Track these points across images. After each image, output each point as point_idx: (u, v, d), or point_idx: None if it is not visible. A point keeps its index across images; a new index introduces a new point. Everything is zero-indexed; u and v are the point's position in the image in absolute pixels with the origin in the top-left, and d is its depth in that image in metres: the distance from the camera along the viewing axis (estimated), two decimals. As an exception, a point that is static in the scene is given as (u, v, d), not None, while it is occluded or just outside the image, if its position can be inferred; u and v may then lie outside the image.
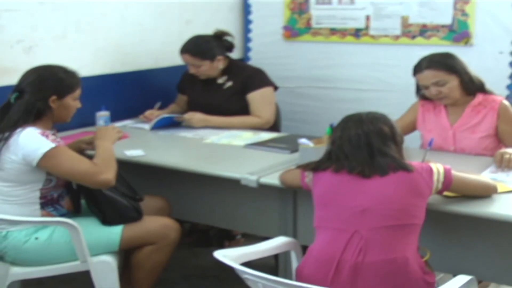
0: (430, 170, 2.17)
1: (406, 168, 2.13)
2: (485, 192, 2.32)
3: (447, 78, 2.91)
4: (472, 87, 2.97)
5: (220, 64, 3.66)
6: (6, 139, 2.46)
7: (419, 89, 3.07)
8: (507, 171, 2.62)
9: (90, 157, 2.59)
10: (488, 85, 3.02)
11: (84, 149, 2.77)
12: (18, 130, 2.46)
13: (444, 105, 3.04)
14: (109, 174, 2.49)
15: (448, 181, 2.20)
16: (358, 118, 2.24)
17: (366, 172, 2.14)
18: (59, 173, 2.51)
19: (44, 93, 2.53)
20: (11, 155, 2.46)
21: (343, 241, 2.10)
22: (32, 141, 2.44)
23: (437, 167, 2.20)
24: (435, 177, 2.17)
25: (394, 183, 2.12)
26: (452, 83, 2.92)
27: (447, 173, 2.20)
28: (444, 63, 2.92)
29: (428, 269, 2.16)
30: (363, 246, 2.08)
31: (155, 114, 3.70)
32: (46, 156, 2.43)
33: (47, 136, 2.47)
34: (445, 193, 2.26)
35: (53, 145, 2.45)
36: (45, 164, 2.46)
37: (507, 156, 2.65)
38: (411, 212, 2.12)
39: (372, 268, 2.07)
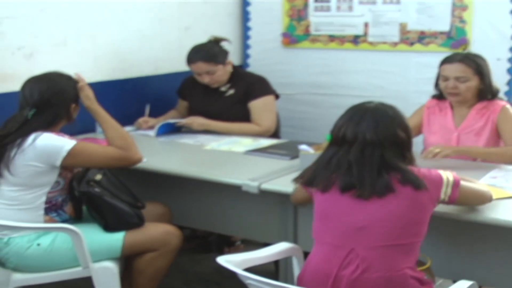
0: (439, 182, 2.08)
1: (415, 185, 2.02)
2: (481, 203, 2.26)
3: (471, 76, 2.96)
4: (487, 93, 3.01)
5: (229, 67, 3.67)
6: (19, 145, 2.48)
7: (437, 84, 3.11)
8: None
9: None
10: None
11: None
12: (32, 136, 2.48)
13: (450, 107, 3.07)
14: (137, 152, 2.67)
15: (454, 197, 2.11)
16: (373, 118, 2.08)
17: (365, 195, 2.02)
18: (91, 165, 2.60)
19: (66, 104, 2.61)
20: (28, 160, 2.47)
21: (340, 258, 2.05)
22: (52, 142, 2.49)
23: (447, 178, 2.10)
24: (443, 189, 2.08)
25: (396, 200, 2.02)
26: (472, 83, 2.97)
27: (455, 187, 2.10)
28: (476, 62, 2.98)
29: (427, 278, 2.12)
30: (359, 264, 2.02)
31: (151, 122, 3.70)
32: (70, 153, 2.48)
33: (63, 136, 2.53)
34: None
35: (74, 142, 2.51)
36: (69, 161, 2.51)
37: (432, 148, 2.77)
38: (411, 230, 2.04)
39: (369, 284, 2.01)
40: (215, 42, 3.72)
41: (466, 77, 2.96)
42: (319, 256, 2.11)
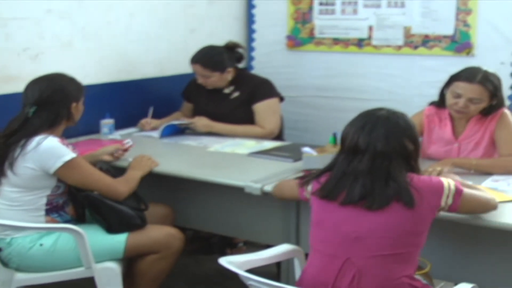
0: (440, 190, 2.05)
1: (405, 203, 1.98)
2: (485, 211, 2.21)
3: (485, 99, 2.84)
4: (490, 110, 2.91)
5: (229, 76, 3.67)
6: (23, 146, 2.49)
7: (442, 93, 2.98)
8: None
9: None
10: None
11: (106, 160, 2.84)
12: (37, 138, 2.50)
13: (450, 118, 3.00)
14: (125, 188, 2.64)
15: (455, 205, 2.08)
16: (385, 128, 2.06)
17: (374, 207, 2.00)
18: (76, 183, 2.58)
19: (66, 102, 2.62)
20: (27, 162, 2.49)
21: (335, 268, 2.03)
22: (52, 150, 2.49)
23: (449, 185, 2.07)
24: (443, 198, 2.05)
25: (393, 212, 2.00)
26: (483, 105, 2.86)
27: (457, 196, 2.07)
28: (494, 86, 2.85)
29: (425, 284, 2.11)
30: (356, 274, 2.00)
31: (153, 123, 3.72)
32: (66, 165, 2.49)
33: (66, 146, 2.54)
34: None
35: (74, 155, 2.52)
36: (62, 173, 2.51)
37: (430, 169, 2.63)
38: (408, 241, 2.02)
39: None
40: (228, 48, 3.72)
41: (481, 100, 2.83)
42: (315, 265, 2.10)
